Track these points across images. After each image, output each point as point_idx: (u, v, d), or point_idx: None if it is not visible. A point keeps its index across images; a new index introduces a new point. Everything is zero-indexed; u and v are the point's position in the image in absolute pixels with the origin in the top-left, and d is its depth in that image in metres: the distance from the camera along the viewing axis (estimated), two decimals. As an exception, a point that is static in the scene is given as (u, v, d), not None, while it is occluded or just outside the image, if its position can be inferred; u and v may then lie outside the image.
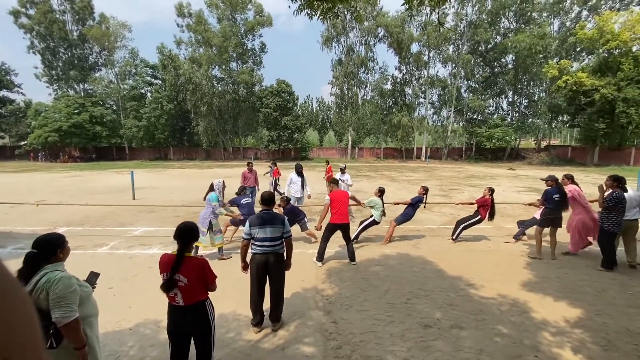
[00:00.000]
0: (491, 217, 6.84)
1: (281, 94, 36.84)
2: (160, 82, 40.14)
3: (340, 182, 8.49)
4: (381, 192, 6.76)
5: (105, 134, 37.32)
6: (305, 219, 6.74)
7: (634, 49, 26.16)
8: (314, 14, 2.60)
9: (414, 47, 38.27)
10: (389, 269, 5.43)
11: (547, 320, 3.85)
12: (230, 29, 37.04)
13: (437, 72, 61.13)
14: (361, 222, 6.90)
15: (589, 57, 32.38)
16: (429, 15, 37.09)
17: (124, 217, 9.27)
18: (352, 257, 5.67)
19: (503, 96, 40.65)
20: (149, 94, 40.74)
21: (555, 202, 5.81)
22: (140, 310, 4.06)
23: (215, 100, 37.11)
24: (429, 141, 42.67)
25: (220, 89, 38.88)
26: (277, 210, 6.00)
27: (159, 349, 3.30)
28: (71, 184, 16.84)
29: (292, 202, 7.15)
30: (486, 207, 6.81)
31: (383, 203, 6.73)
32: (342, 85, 39.66)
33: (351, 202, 6.43)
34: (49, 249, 2.10)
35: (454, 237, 6.96)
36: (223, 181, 6.25)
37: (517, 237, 7.12)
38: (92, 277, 2.31)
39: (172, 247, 6.64)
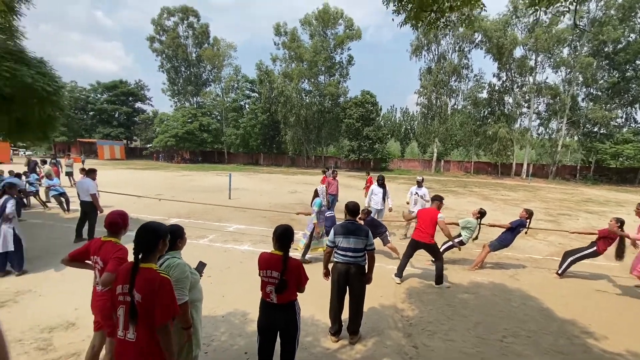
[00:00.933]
0: (619, 256, 5.52)
1: (365, 105, 37.04)
2: (256, 95, 44.67)
3: (416, 196, 8.01)
4: (481, 215, 6.12)
5: (210, 140, 43.07)
6: (387, 233, 6.54)
7: None
8: (419, 25, 2.54)
9: (518, 52, 34.25)
10: (480, 298, 4.87)
11: None
12: (321, 44, 39.01)
13: (546, 78, 53.48)
14: (445, 242, 6.38)
15: None
16: (538, 15, 32.87)
17: (221, 213, 10.45)
18: (437, 280, 5.27)
19: (637, 105, 33.18)
20: (246, 106, 45.73)
21: None
22: (231, 300, 4.47)
23: (303, 112, 39.41)
24: (531, 157, 37.37)
25: (307, 100, 41.16)
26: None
27: (246, 340, 3.58)
28: (181, 182, 19.79)
29: (372, 214, 7.03)
30: (608, 241, 5.58)
31: (480, 226, 6.11)
32: (430, 95, 37.81)
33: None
34: (171, 238, 2.40)
35: (559, 272, 5.88)
36: (326, 187, 6.57)
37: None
38: (201, 267, 2.64)
39: (261, 245, 7.18)
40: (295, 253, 6.28)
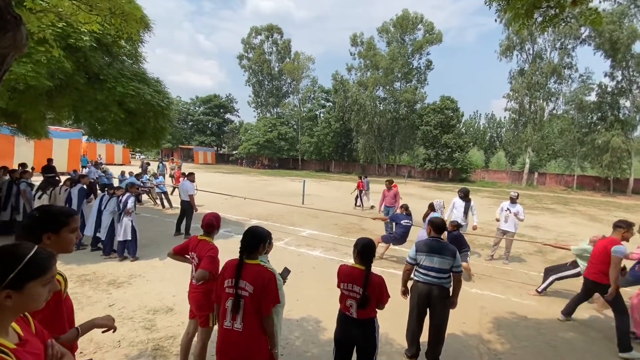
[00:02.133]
0: None
1: (444, 111, 34.85)
2: (331, 104, 45.93)
3: (507, 212, 7.10)
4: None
5: (286, 148, 45.77)
6: (469, 252, 5.96)
7: None
8: (531, 23, 2.25)
9: (637, 46, 28.33)
10: (590, 340, 4.06)
11: None
12: (398, 50, 38.25)
13: (682, 75, 43.17)
14: (550, 270, 5.51)
15: None
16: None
17: (295, 218, 10.89)
18: (620, 344, 3.77)
19: None
20: (321, 115, 47.34)
21: None
22: (304, 306, 4.57)
23: (376, 119, 39.01)
24: (658, 171, 30.35)
25: (381, 108, 40.64)
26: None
27: (319, 348, 3.60)
28: (261, 186, 21.31)
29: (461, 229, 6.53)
30: None
31: None
32: (523, 99, 33.69)
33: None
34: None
35: None
36: (443, 202, 6.45)
37: None
38: (285, 273, 2.73)
39: (332, 252, 7.25)
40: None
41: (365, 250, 2.53)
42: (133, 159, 43.81)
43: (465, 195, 7.49)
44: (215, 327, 2.53)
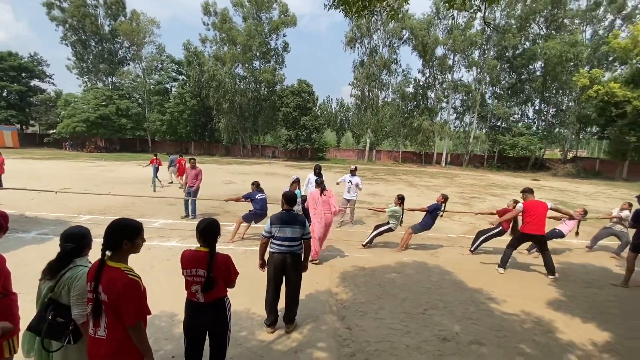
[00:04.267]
0: (514, 230, 6.56)
1: (301, 94, 36.99)
2: (184, 78, 41.18)
3: (349, 184, 8.30)
4: (401, 200, 6.60)
5: (130, 127, 38.55)
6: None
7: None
8: (347, 10, 2.54)
9: (439, 51, 37.57)
10: (406, 277, 5.30)
11: (573, 342, 3.65)
12: (255, 27, 37.48)
13: (462, 76, 59.92)
14: (376, 227, 6.79)
15: (622, 67, 30.87)
16: (455, 18, 36.34)
17: (144, 208, 9.49)
18: (550, 270, 5.58)
19: (529, 104, 39.31)
20: (173, 89, 41.93)
21: None
22: (156, 302, 4.06)
23: (237, 98, 37.65)
24: (449, 147, 41.75)
25: (242, 86, 39.45)
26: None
27: (173, 343, 3.33)
28: (96, 173, 17.44)
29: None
30: (510, 220, 6.54)
31: (403, 211, 6.60)
32: (363, 87, 39.42)
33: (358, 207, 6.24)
34: (83, 243, 2.13)
35: (472, 249, 6.73)
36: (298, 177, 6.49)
37: (530, 250, 6.96)
38: None
39: (192, 240, 6.74)
40: (227, 247, 6.03)
41: (207, 231, 2.42)
42: None
43: (319, 171, 8.27)
44: None
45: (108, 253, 1.90)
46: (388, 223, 6.60)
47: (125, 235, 1.91)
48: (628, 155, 27.55)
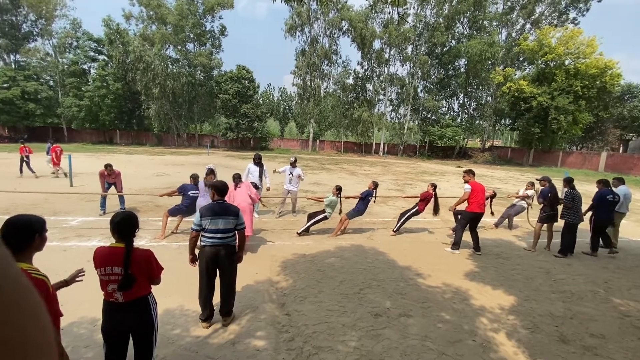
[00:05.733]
0: (435, 211, 7.27)
1: (241, 80, 35.51)
2: (105, 58, 36.55)
3: (291, 176, 8.33)
4: (339, 191, 6.83)
5: (39, 113, 33.29)
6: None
7: (566, 62, 29.21)
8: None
9: (376, 44, 39.02)
10: (344, 260, 5.53)
11: (484, 307, 4.19)
12: (188, 7, 34.66)
13: (397, 70, 63.21)
14: (310, 216, 6.95)
15: (530, 66, 35.52)
16: (390, 13, 37.99)
17: (59, 205, 8.37)
18: (478, 247, 6.20)
19: (455, 98, 43.20)
20: (92, 71, 36.96)
21: (550, 200, 6.42)
22: (74, 309, 3.68)
23: (169, 82, 34.64)
24: (386, 137, 44.07)
25: (174, 70, 36.41)
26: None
27: (95, 350, 3.04)
28: (-7, 167, 14.77)
29: None
30: (427, 201, 7.23)
31: (340, 200, 6.83)
32: (305, 76, 39.31)
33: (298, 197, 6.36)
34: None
35: (395, 229, 7.29)
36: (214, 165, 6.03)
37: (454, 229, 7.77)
38: None
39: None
40: (149, 243, 5.62)
41: (123, 225, 2.23)
42: None
43: (259, 161, 8.10)
44: None
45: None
46: (324, 212, 6.79)
47: (36, 229, 1.76)
48: (533, 144, 32.11)
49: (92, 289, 3.97)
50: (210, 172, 6.07)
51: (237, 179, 6.04)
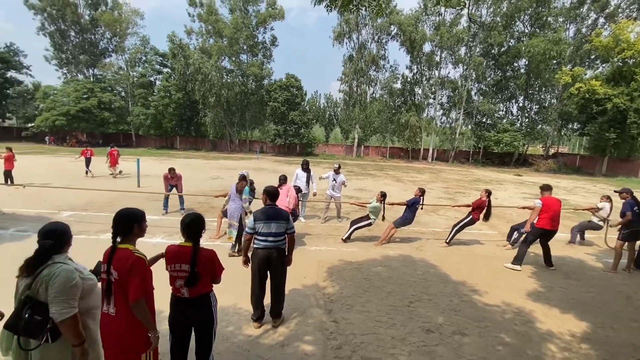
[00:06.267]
0: (486, 218, 6.82)
1: (289, 89, 36.68)
2: (169, 70, 40.19)
3: (334, 182, 8.31)
4: (383, 197, 6.68)
5: (113, 120, 37.54)
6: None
7: (649, 59, 25.63)
8: (333, 6, 2.51)
9: (426, 47, 37.84)
10: (392, 270, 5.38)
11: (552, 332, 3.79)
12: (242, 20, 36.83)
13: (448, 73, 60.61)
14: (353, 222, 6.86)
15: (603, 65, 31.74)
16: (442, 14, 36.61)
17: (128, 204, 9.24)
18: (549, 261, 5.88)
19: (513, 101, 40.13)
20: (157, 82, 40.85)
21: (636, 214, 5.75)
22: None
23: (224, 92, 37.00)
24: (436, 143, 42.30)
25: (229, 80, 38.79)
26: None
27: (160, 340, 3.28)
28: (76, 169, 16.92)
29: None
30: (481, 209, 6.77)
31: (384, 207, 6.67)
32: (352, 82, 39.38)
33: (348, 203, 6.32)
34: (62, 239, 2.07)
35: (447, 241, 6.91)
36: (247, 172, 6.29)
37: (512, 243, 7.10)
38: (99, 267, 2.27)
39: (177, 236, 6.65)
40: (212, 242, 6.00)
41: (191, 226, 2.41)
42: None
43: (307, 167, 8.28)
44: None
45: (118, 239, 2.14)
46: (368, 217, 6.68)
47: (135, 220, 2.18)
48: (607, 152, 28.56)
49: (158, 283, 4.35)
50: (243, 178, 6.13)
51: (282, 180, 6.24)
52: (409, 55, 38.31)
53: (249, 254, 3.63)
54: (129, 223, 2.15)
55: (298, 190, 6.89)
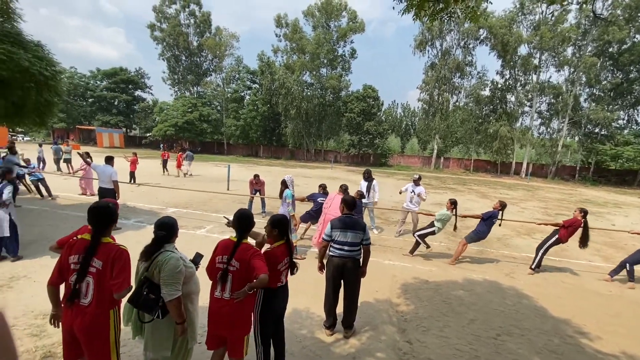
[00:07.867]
0: (583, 243, 5.81)
1: (366, 99, 36.80)
2: (257, 86, 44.32)
3: (412, 194, 7.90)
4: (453, 205, 6.12)
5: (209, 131, 42.90)
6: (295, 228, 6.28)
7: None
8: (423, 15, 2.45)
9: (522, 50, 33.94)
10: (475, 296, 4.87)
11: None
12: (324, 36, 38.58)
13: (549, 77, 53.33)
14: (416, 232, 6.41)
15: None
16: (543, 12, 32.50)
17: (219, 204, 10.42)
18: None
19: (639, 107, 33.07)
20: (247, 97, 45.41)
21: None
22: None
23: (304, 104, 39.08)
24: (531, 156, 37.31)
25: (309, 93, 40.86)
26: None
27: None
28: (170, 171, 19.69)
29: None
30: (572, 230, 5.72)
31: (456, 216, 6.12)
32: (432, 91, 37.56)
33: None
34: (172, 231, 2.46)
35: (533, 266, 6.01)
36: (292, 177, 6.44)
37: (612, 274, 5.95)
38: (198, 258, 2.61)
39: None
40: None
41: (240, 220, 2.56)
42: (16, 141, 36.17)
43: (368, 176, 8.22)
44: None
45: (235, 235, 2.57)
46: (432, 225, 6.22)
47: (252, 221, 2.69)
48: None
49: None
50: (282, 183, 6.20)
51: (343, 189, 6.22)
52: (500, 59, 34.91)
53: (324, 261, 3.70)
54: (248, 223, 2.64)
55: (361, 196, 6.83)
